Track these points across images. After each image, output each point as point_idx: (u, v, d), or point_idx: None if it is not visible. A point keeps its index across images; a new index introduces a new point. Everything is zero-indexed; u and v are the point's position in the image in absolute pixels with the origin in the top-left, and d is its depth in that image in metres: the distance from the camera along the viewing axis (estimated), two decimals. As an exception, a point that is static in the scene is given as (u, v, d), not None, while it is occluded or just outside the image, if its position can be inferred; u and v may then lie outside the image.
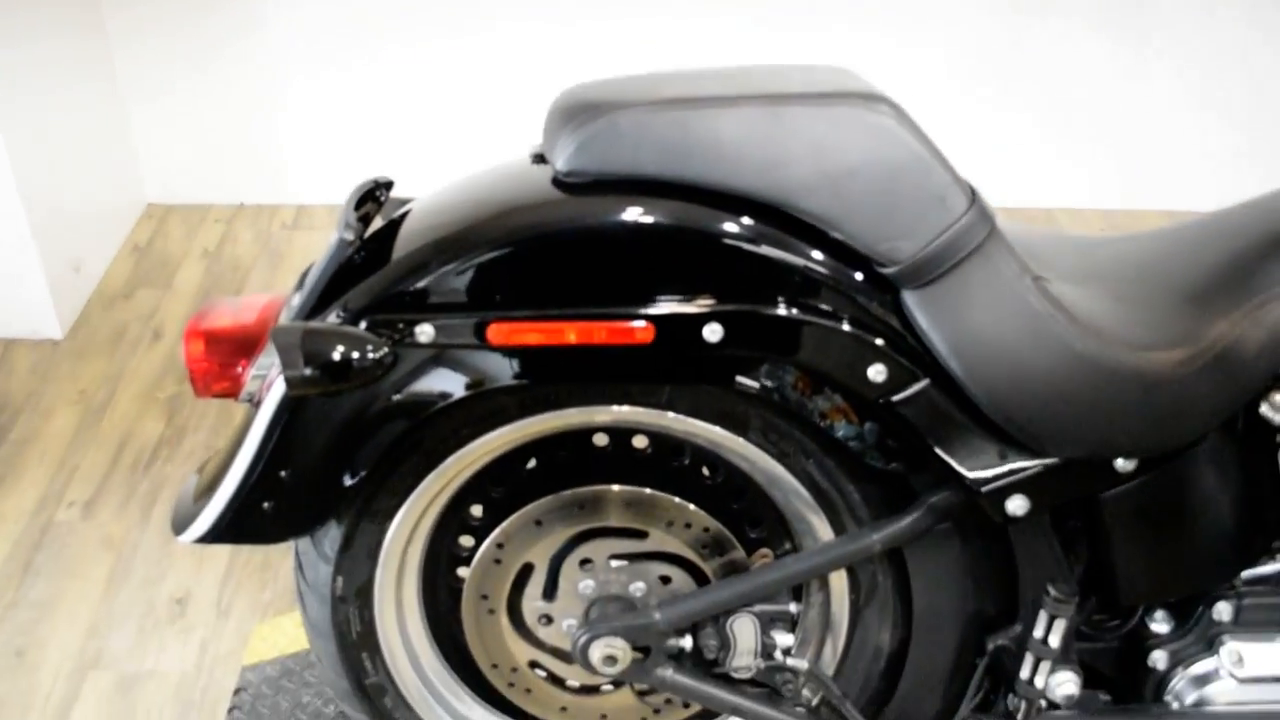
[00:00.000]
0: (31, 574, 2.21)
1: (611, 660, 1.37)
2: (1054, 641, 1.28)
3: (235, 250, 3.36)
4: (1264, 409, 1.28)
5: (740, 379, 1.24)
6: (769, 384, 1.26)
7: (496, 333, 1.22)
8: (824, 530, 1.38)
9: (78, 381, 2.77)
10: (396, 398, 1.27)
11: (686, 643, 1.40)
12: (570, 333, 1.22)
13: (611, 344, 1.22)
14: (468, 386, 1.26)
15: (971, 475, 1.26)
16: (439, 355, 1.25)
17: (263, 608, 2.17)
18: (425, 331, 1.22)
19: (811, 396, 1.27)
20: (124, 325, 2.99)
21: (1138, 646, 1.43)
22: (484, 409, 1.31)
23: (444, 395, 1.27)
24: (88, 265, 3.12)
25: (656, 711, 1.54)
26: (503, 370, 1.26)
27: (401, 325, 1.22)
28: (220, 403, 2.62)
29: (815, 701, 1.47)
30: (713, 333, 1.20)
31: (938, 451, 1.25)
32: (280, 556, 2.26)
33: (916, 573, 1.36)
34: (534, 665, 1.51)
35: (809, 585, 1.46)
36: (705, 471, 1.41)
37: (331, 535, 1.38)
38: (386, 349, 1.22)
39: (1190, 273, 1.32)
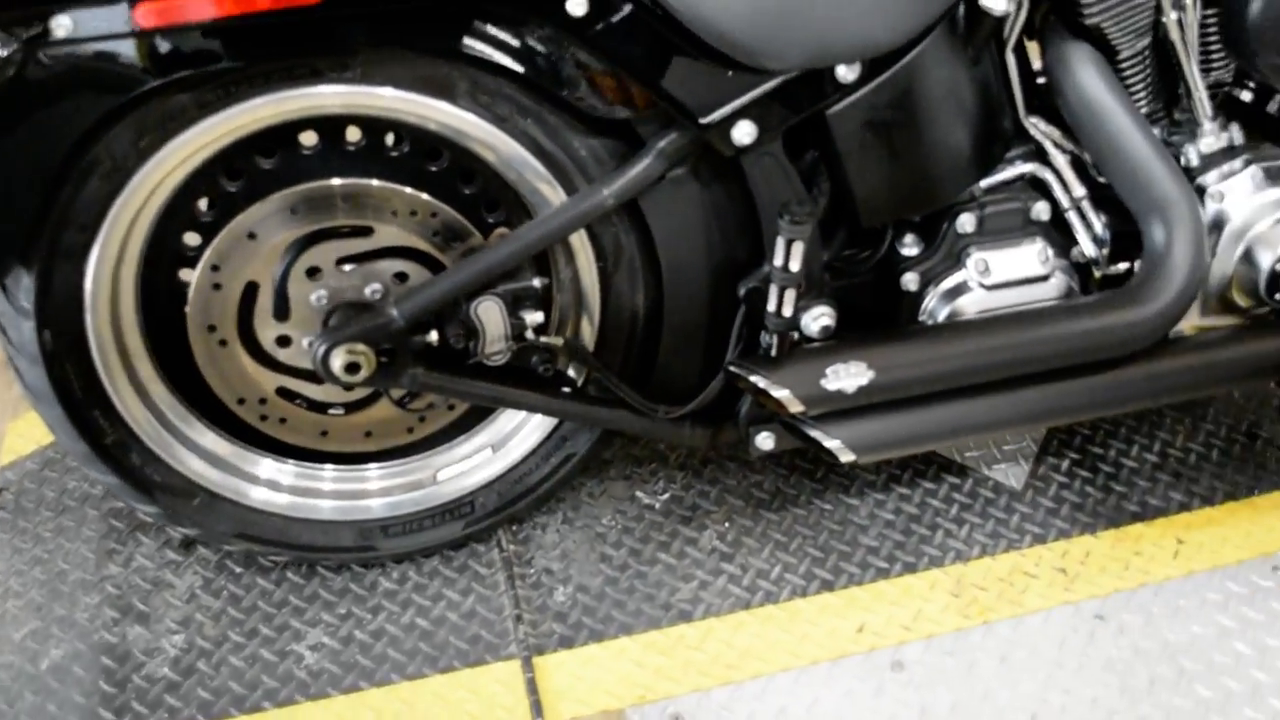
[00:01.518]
0: None
1: (355, 367, 1.29)
2: (794, 266, 1.24)
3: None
4: (984, 1, 1.23)
5: (432, 35, 1.13)
6: (469, 40, 1.15)
7: (145, 13, 1.08)
8: (559, 199, 1.30)
9: None
10: (46, 111, 1.12)
11: (432, 337, 1.33)
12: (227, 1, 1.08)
13: (276, 8, 1.08)
14: (127, 86, 1.12)
15: (691, 105, 1.19)
16: (86, 51, 1.10)
17: (13, 405, 2.01)
18: (62, 24, 1.07)
19: (514, 43, 1.17)
20: None
21: (891, 273, 1.42)
22: (157, 113, 1.17)
23: (101, 100, 1.12)
24: None
25: (422, 419, 1.48)
26: (164, 60, 1.12)
27: (32, 19, 1.06)
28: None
29: (581, 380, 1.44)
30: None
31: (655, 84, 1.18)
32: (24, 350, 2.09)
33: (658, 227, 1.31)
34: (282, 393, 1.43)
35: (556, 261, 1.39)
36: (429, 158, 1.31)
37: (24, 285, 1.24)
38: (16, 46, 1.06)
39: None
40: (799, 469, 1.69)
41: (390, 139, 1.30)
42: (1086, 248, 1.42)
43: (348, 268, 1.33)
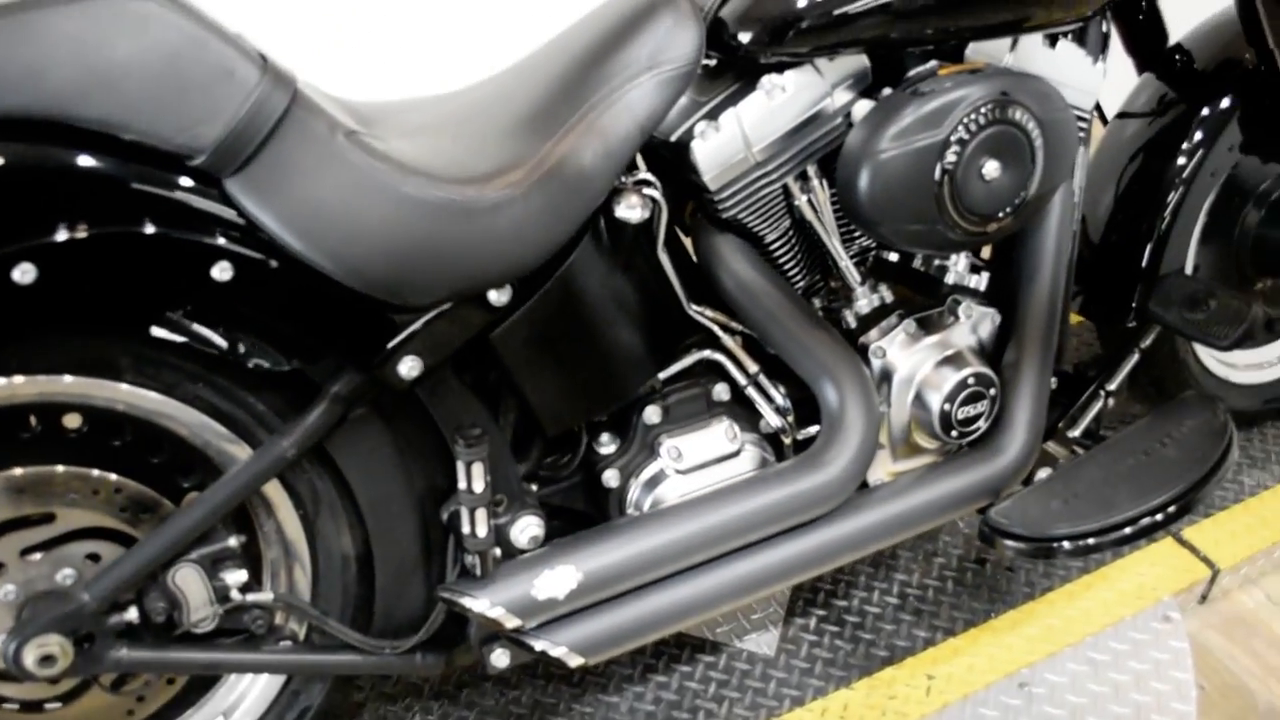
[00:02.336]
0: None
1: (50, 660, 1.24)
2: (477, 487, 1.27)
3: None
4: (619, 211, 1.32)
5: (71, 317, 1.14)
6: (124, 316, 1.16)
7: None
8: (246, 454, 1.30)
9: None
10: None
11: (132, 614, 1.29)
12: None
13: None
14: None
15: (353, 349, 1.22)
16: None
17: None
18: None
19: (171, 314, 1.18)
20: None
21: (593, 473, 1.46)
22: None
23: None
24: None
25: (141, 699, 1.42)
26: None
27: None
28: None
29: (301, 631, 1.41)
30: (24, 273, 1.08)
31: (313, 335, 1.21)
32: None
33: (350, 467, 1.32)
34: (-9, 698, 1.35)
35: (257, 515, 1.38)
36: (111, 435, 1.29)
37: None
38: None
39: (526, 100, 1.34)
40: (555, 676, 1.69)
41: (75, 420, 1.28)
42: (771, 419, 1.50)
43: (35, 557, 1.29)
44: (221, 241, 1.15)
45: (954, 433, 1.53)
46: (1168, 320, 1.75)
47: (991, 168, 1.38)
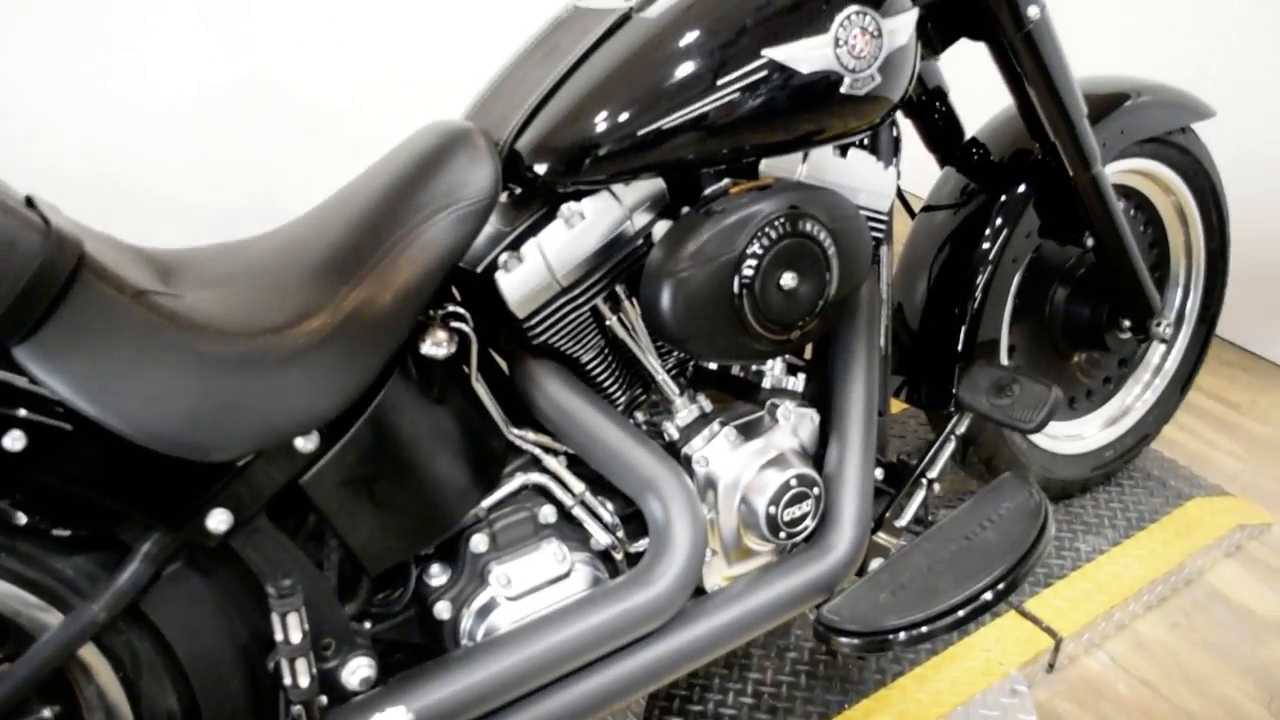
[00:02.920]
0: None
1: None
2: (294, 638, 1.26)
3: None
4: (425, 349, 1.34)
5: None
6: None
7: None
8: (58, 621, 1.27)
9: None
10: None
11: None
12: None
13: None
14: None
15: (158, 508, 1.21)
16: None
17: None
18: None
19: None
20: None
21: (425, 606, 1.46)
22: None
23: None
24: None
25: None
26: None
27: None
28: None
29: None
30: None
31: (116, 497, 1.19)
32: None
33: (167, 625, 1.29)
34: None
35: (76, 681, 1.34)
36: None
37: None
38: None
39: (325, 244, 1.35)
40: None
41: None
42: (600, 537, 1.51)
43: None
44: (11, 410, 1.14)
45: (782, 534, 1.56)
46: (977, 407, 1.82)
47: (789, 278, 1.44)
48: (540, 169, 1.40)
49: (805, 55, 1.42)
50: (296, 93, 2.99)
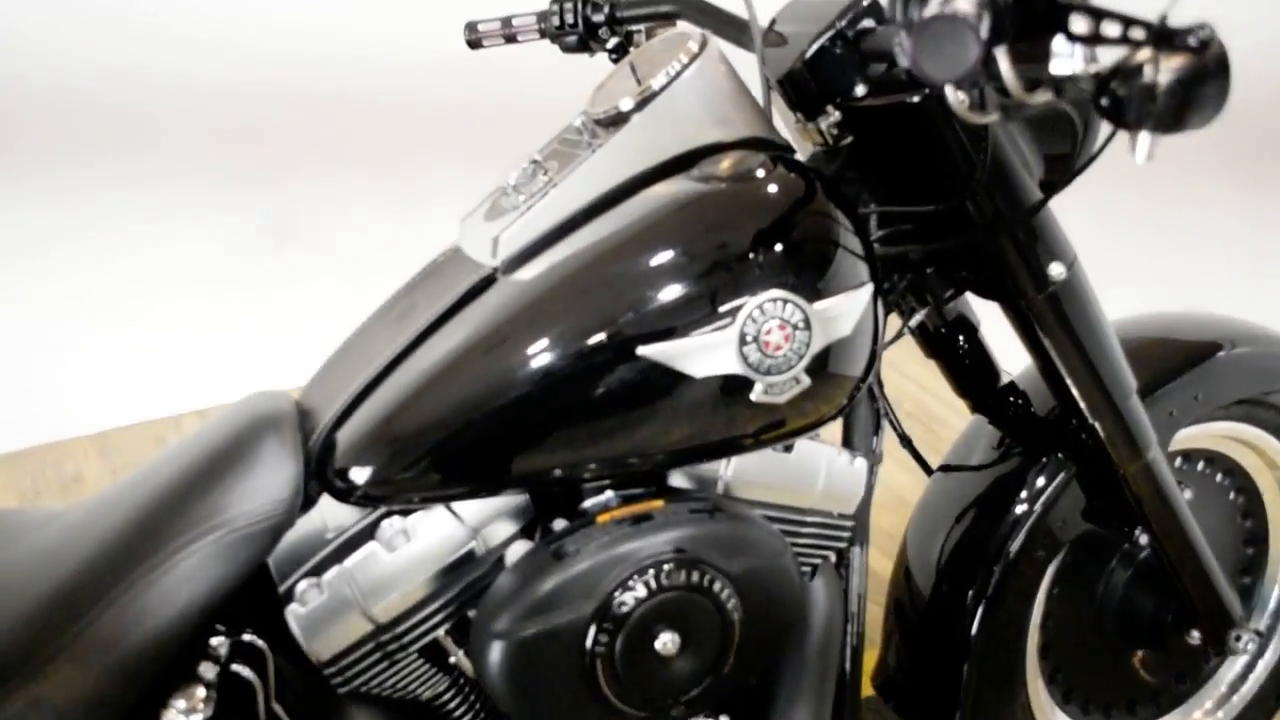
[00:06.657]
0: None
1: None
2: None
3: None
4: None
5: None
6: None
7: None
8: None
9: None
10: None
11: None
12: None
13: None
14: None
15: None
16: None
17: None
18: None
19: None
20: None
21: None
22: None
23: None
24: None
25: None
26: None
27: None
28: None
29: None
30: None
31: None
32: None
33: None
34: None
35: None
36: None
37: None
38: None
39: (81, 550, 1.07)
40: None
41: None
42: None
43: None
44: None
45: None
46: None
47: (667, 640, 1.09)
48: (356, 476, 1.09)
49: (697, 355, 1.08)
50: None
